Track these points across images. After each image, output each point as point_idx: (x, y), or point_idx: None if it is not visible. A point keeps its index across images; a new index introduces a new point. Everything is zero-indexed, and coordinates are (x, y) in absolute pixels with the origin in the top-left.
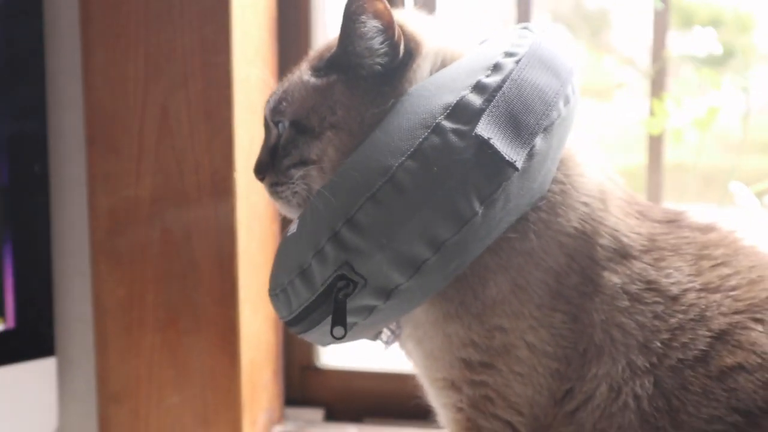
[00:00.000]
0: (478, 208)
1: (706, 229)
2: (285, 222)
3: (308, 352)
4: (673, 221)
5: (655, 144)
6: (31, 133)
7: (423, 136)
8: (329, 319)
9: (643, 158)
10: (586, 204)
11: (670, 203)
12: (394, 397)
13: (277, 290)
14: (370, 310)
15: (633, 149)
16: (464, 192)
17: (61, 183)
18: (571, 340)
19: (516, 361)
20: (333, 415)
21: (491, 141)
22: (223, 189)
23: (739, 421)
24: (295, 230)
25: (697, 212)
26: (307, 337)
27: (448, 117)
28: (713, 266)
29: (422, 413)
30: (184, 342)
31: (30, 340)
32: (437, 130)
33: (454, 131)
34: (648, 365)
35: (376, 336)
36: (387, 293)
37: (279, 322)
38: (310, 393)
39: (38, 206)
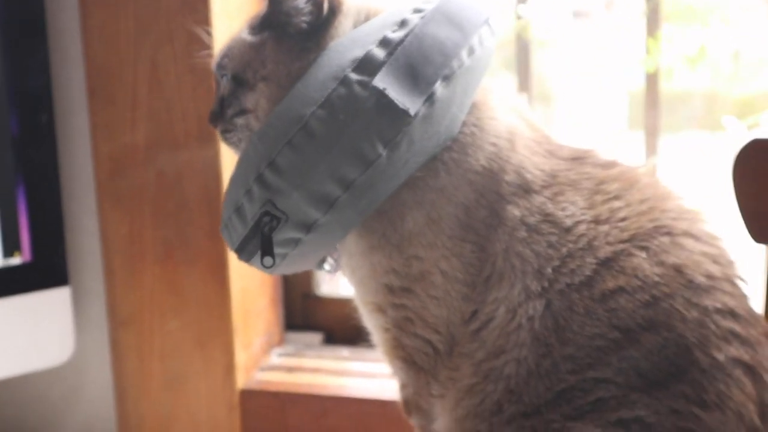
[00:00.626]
0: (382, 151)
1: (607, 165)
2: None
3: (308, 281)
4: (578, 159)
5: (652, 81)
6: (37, 87)
7: (332, 87)
8: None
9: None
10: (494, 144)
11: (668, 134)
12: None
13: (223, 225)
14: (295, 242)
15: None
16: (367, 137)
17: (67, 132)
18: (477, 267)
19: (431, 286)
20: (331, 340)
21: (386, 91)
22: (208, 134)
23: (618, 338)
24: (233, 172)
25: (603, 151)
26: (252, 265)
27: (355, 69)
28: (605, 200)
29: None
30: (180, 272)
31: (46, 271)
32: (345, 81)
33: (359, 82)
34: (540, 289)
35: (319, 265)
36: (307, 227)
37: None
38: (310, 319)
39: (47, 153)
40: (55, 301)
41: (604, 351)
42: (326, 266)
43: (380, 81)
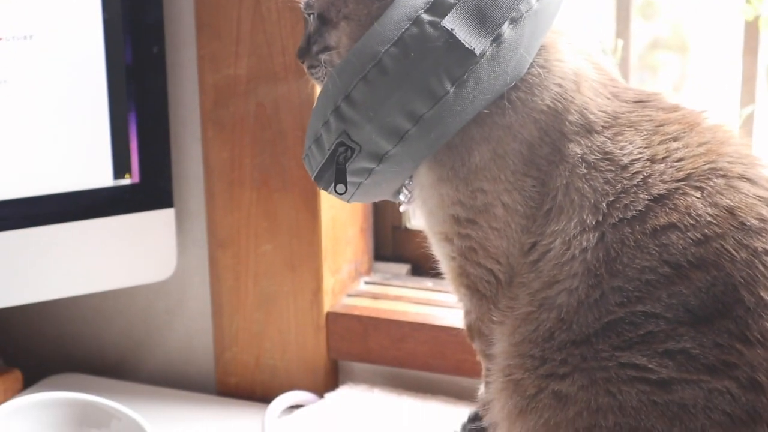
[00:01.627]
0: (449, 88)
1: (670, 109)
2: None
3: (398, 214)
4: (642, 102)
5: (751, 29)
6: (151, 20)
7: (405, 27)
8: None
9: None
10: (560, 85)
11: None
12: None
13: (304, 154)
14: (368, 171)
15: None
16: (436, 74)
17: (176, 62)
18: (538, 201)
19: (494, 218)
20: (417, 271)
21: (454, 31)
22: (303, 69)
23: (668, 272)
24: (315, 105)
25: (670, 95)
26: (330, 193)
27: (427, 11)
28: (664, 140)
29: None
30: (275, 198)
31: (153, 193)
32: (417, 21)
33: (430, 23)
34: (594, 223)
35: (395, 196)
36: (379, 158)
37: None
38: (398, 250)
39: (157, 82)
40: (160, 221)
41: (654, 285)
42: (401, 197)
43: (449, 22)
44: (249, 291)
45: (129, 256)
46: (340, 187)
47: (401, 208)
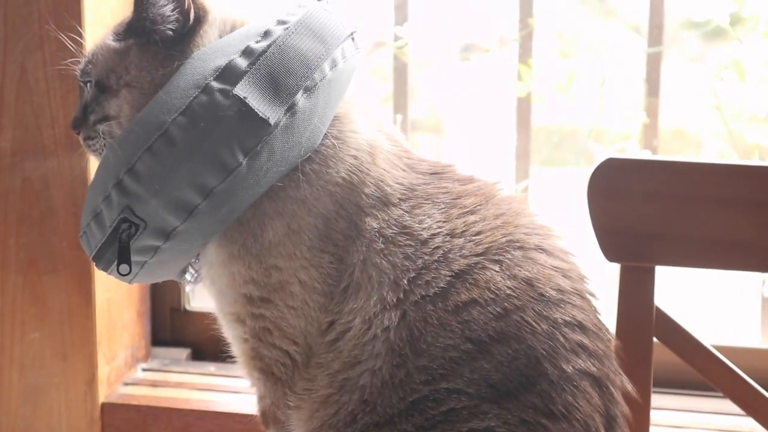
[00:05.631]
0: (242, 160)
1: (465, 181)
2: None
3: (177, 295)
4: (437, 174)
5: (523, 106)
6: None
7: (194, 95)
8: None
9: None
10: (355, 157)
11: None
12: None
13: (81, 232)
14: (154, 249)
15: None
16: (228, 145)
17: None
18: (335, 278)
19: (290, 296)
20: (198, 355)
21: (246, 100)
22: (77, 142)
23: (471, 349)
24: (93, 178)
25: (462, 167)
26: (110, 274)
27: (217, 78)
28: (461, 214)
29: None
30: (44, 282)
31: None
32: (206, 89)
33: (221, 91)
34: (396, 300)
35: (181, 276)
36: (166, 235)
37: None
38: (178, 334)
39: None
40: None
41: (457, 362)
42: (188, 276)
43: (241, 90)
44: (13, 384)
45: None
46: (123, 267)
47: (187, 288)
